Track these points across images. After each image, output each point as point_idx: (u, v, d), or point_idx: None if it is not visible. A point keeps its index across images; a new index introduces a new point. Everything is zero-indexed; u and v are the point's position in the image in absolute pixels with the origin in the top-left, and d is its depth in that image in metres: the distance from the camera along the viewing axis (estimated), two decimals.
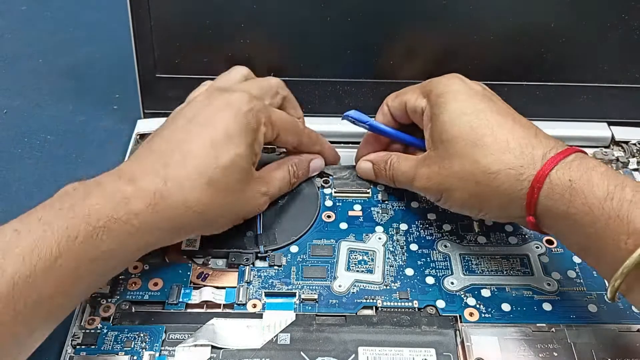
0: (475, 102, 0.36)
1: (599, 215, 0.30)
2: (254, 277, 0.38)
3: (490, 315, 0.36)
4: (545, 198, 0.32)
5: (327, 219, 0.42)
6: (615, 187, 0.30)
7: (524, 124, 0.35)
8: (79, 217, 0.31)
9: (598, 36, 0.45)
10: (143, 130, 0.48)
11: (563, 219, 0.31)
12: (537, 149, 0.33)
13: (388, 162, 0.42)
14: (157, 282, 0.38)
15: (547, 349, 0.35)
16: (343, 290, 0.38)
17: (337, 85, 0.48)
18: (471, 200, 0.36)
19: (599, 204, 0.30)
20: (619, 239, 0.29)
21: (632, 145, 0.48)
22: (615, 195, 0.29)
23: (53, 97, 0.55)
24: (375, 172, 0.43)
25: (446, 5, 0.44)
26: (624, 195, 0.29)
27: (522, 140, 0.33)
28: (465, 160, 0.35)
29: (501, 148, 0.33)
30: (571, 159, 0.32)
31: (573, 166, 0.31)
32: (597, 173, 0.31)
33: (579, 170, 0.31)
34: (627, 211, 0.29)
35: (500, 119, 0.35)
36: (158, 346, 0.35)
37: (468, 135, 0.35)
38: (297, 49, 0.46)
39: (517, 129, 0.34)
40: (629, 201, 0.29)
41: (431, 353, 0.34)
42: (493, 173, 0.33)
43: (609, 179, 0.30)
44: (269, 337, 0.35)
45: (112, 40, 0.59)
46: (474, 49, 0.46)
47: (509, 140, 0.33)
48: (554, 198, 0.31)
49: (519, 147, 0.33)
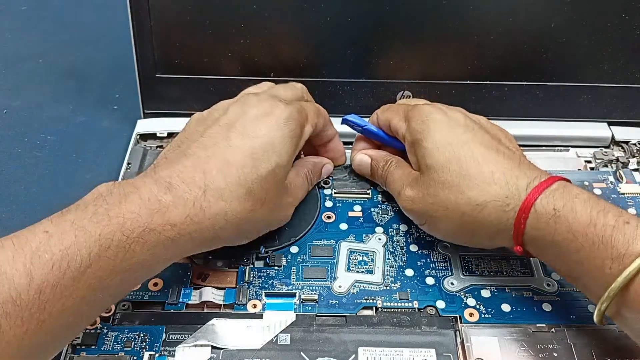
0: (458, 133, 0.36)
1: (583, 242, 0.30)
2: (254, 277, 0.38)
3: (490, 315, 0.36)
4: (531, 228, 0.32)
5: (327, 220, 0.42)
6: (597, 213, 0.30)
7: (507, 154, 0.35)
8: (114, 225, 0.29)
9: (598, 36, 0.45)
10: (143, 130, 0.48)
11: (550, 247, 0.32)
12: (520, 179, 0.33)
13: (387, 163, 0.42)
14: (157, 282, 0.38)
15: (547, 349, 0.35)
16: (343, 291, 0.38)
17: (337, 85, 0.48)
18: (458, 231, 0.36)
19: (583, 230, 0.30)
20: (604, 264, 0.29)
21: (632, 145, 0.48)
22: (598, 222, 0.30)
23: (53, 97, 0.55)
24: (372, 169, 0.43)
25: (446, 5, 0.44)
26: (607, 221, 0.30)
27: (507, 171, 0.34)
28: (450, 191, 0.35)
29: (486, 179, 0.34)
30: (554, 187, 0.32)
31: (557, 195, 0.32)
32: (580, 201, 0.31)
33: (563, 198, 0.31)
34: (610, 236, 0.29)
35: (484, 150, 0.35)
36: (158, 346, 0.35)
37: (454, 165, 0.35)
38: (297, 49, 0.46)
39: (500, 159, 0.34)
40: (612, 226, 0.30)
41: (431, 353, 0.34)
42: (479, 205, 0.34)
43: (592, 206, 0.31)
44: (269, 338, 0.35)
45: (112, 40, 0.59)
46: (474, 49, 0.46)
47: (494, 172, 0.34)
48: (540, 227, 0.32)
49: (503, 177, 0.33)
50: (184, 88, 0.48)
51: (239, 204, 0.33)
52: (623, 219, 0.30)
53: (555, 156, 0.48)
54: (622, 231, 0.29)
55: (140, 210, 0.30)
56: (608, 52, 0.46)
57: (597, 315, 0.31)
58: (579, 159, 0.48)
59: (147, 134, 0.48)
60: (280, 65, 0.47)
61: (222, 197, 0.33)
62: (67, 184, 0.47)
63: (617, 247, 0.29)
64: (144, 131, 0.48)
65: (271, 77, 0.47)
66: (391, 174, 0.41)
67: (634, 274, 0.28)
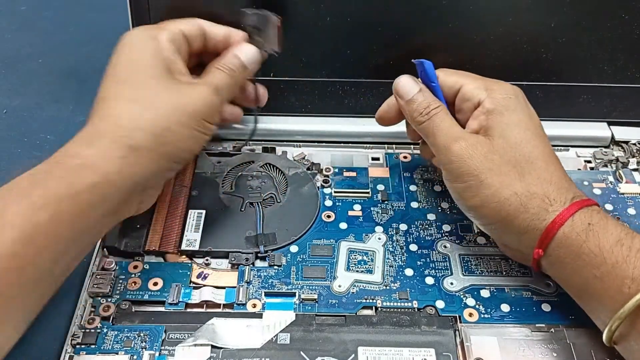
0: (536, 125, 0.37)
1: (607, 258, 0.31)
2: (253, 277, 0.38)
3: (489, 315, 0.36)
4: (562, 234, 0.33)
5: (327, 219, 0.42)
6: (626, 235, 0.32)
7: (561, 166, 0.36)
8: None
9: (598, 36, 0.45)
10: None
11: (572, 257, 0.33)
12: (569, 191, 0.34)
13: (437, 106, 0.38)
14: (157, 282, 0.38)
15: (547, 349, 0.35)
16: (343, 290, 0.38)
17: (337, 85, 0.48)
18: (495, 207, 0.35)
19: (610, 247, 0.31)
20: (623, 283, 0.30)
21: (632, 145, 0.48)
22: (625, 242, 0.31)
23: (53, 97, 0.55)
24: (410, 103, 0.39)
25: (446, 5, 0.44)
26: (634, 244, 0.31)
27: (562, 178, 0.35)
28: (513, 167, 0.35)
29: (546, 177, 0.35)
30: (593, 207, 0.34)
31: (594, 213, 0.33)
32: (612, 221, 0.33)
33: (598, 216, 0.33)
34: (635, 258, 0.31)
35: (551, 152, 0.36)
36: (158, 346, 0.35)
37: (527, 148, 0.35)
38: (297, 49, 0.46)
39: (558, 167, 0.36)
40: (637, 249, 0.31)
41: (431, 353, 0.34)
42: (531, 193, 0.34)
43: (622, 227, 0.33)
44: (268, 337, 0.35)
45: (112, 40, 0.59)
46: (474, 49, 0.46)
47: (553, 172, 0.35)
48: (571, 236, 0.33)
49: (558, 181, 0.35)
50: None
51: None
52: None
53: None
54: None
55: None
56: (608, 52, 0.46)
57: (606, 334, 0.31)
58: (579, 159, 0.48)
59: None
60: (280, 65, 0.47)
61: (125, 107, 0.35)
62: None
63: (638, 269, 0.30)
64: None
65: (271, 77, 0.47)
66: (442, 120, 0.38)
67: None
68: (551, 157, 0.36)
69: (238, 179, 0.45)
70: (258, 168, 0.45)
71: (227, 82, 0.38)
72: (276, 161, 0.46)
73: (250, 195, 0.43)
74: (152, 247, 0.40)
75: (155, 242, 0.40)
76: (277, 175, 0.45)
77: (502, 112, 0.37)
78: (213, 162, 0.46)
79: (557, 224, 0.33)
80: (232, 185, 0.44)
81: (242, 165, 0.46)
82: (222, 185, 0.44)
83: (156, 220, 0.41)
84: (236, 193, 0.43)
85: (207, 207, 0.42)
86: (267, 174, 0.45)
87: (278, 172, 0.45)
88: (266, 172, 0.45)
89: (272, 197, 0.43)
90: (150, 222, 0.41)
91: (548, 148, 0.36)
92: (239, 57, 0.39)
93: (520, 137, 0.36)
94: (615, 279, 0.31)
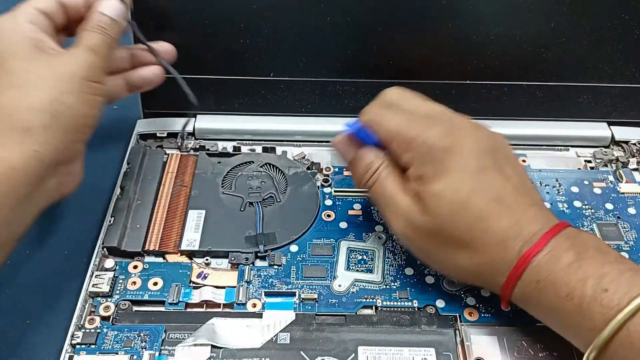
0: (466, 180, 0.33)
1: (562, 315, 0.31)
2: (253, 276, 0.38)
3: (490, 315, 0.36)
4: (517, 295, 0.33)
5: (327, 218, 0.42)
6: (576, 283, 0.30)
7: (508, 204, 0.33)
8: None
9: (598, 36, 0.45)
10: (143, 130, 0.48)
11: (536, 313, 0.33)
12: (517, 240, 0.32)
13: (374, 169, 0.36)
14: (156, 282, 0.38)
15: (547, 348, 0.35)
16: (343, 290, 0.38)
17: (337, 85, 0.48)
18: (455, 276, 0.36)
19: (561, 303, 0.30)
20: (582, 334, 0.30)
21: (632, 145, 0.48)
22: (575, 294, 0.30)
23: None
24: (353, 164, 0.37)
25: (446, 5, 0.44)
26: (585, 292, 0.30)
27: (508, 229, 0.32)
28: (451, 246, 0.33)
29: (488, 242, 0.32)
30: (543, 254, 0.31)
31: (542, 263, 0.31)
32: (561, 270, 0.31)
33: (547, 267, 0.31)
34: (588, 308, 0.29)
35: (491, 205, 0.33)
36: (158, 346, 0.35)
37: (459, 218, 0.33)
38: (297, 49, 0.46)
39: (503, 214, 0.32)
40: (589, 297, 0.29)
41: (431, 353, 0.34)
42: (478, 264, 0.33)
43: (571, 274, 0.30)
44: (268, 337, 0.35)
45: None
46: (474, 49, 0.46)
47: (495, 232, 0.32)
48: (524, 296, 0.32)
49: (502, 242, 0.32)
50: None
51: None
52: (602, 286, 0.29)
53: (555, 156, 0.48)
54: (599, 301, 0.29)
55: None
56: (608, 52, 0.46)
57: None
58: (579, 159, 0.48)
59: (147, 134, 0.48)
60: (280, 65, 0.47)
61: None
62: None
63: (593, 319, 0.29)
64: (144, 131, 0.48)
65: (271, 77, 0.47)
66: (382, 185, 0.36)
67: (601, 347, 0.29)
68: (491, 213, 0.32)
69: (238, 179, 0.45)
70: (258, 168, 0.45)
71: (100, 39, 0.37)
72: (276, 161, 0.46)
73: (250, 195, 0.43)
74: (152, 247, 0.40)
75: (155, 242, 0.40)
76: (277, 175, 0.45)
77: (427, 181, 0.33)
78: (213, 162, 0.46)
79: (508, 286, 0.32)
80: (232, 185, 0.44)
81: (242, 165, 0.46)
82: (222, 185, 0.44)
83: (156, 220, 0.41)
84: (236, 193, 0.43)
85: (207, 207, 0.42)
86: (267, 174, 0.45)
87: (278, 172, 0.45)
88: (266, 172, 0.45)
89: (272, 197, 0.43)
90: (150, 222, 0.41)
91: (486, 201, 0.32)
92: (103, 13, 0.38)
93: (452, 208, 0.32)
94: (575, 330, 0.31)
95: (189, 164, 0.46)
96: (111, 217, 0.41)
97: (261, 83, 0.47)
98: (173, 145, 0.48)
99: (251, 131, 0.48)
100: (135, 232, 0.40)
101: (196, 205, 0.42)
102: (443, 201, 0.33)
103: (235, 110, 0.49)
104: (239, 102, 0.48)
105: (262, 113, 0.49)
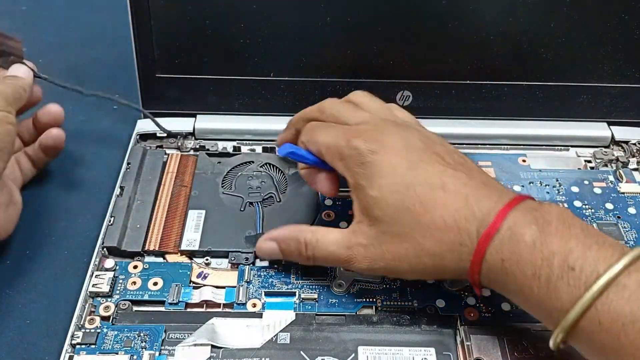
0: (401, 173, 0.33)
1: (529, 295, 0.30)
2: (253, 276, 0.38)
3: (490, 314, 0.36)
4: (484, 278, 0.31)
5: (327, 218, 0.42)
6: (542, 262, 0.29)
7: (452, 189, 0.32)
8: None
9: (598, 36, 0.45)
10: (143, 130, 0.48)
11: (506, 294, 0.32)
12: (471, 222, 0.31)
13: (302, 241, 0.36)
14: (156, 282, 0.38)
15: (547, 348, 0.34)
16: (343, 290, 0.38)
17: (337, 85, 0.48)
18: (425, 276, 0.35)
19: (529, 283, 0.29)
20: (551, 315, 0.29)
21: (632, 145, 0.48)
22: (542, 273, 0.29)
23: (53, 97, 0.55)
24: (285, 253, 0.37)
25: (446, 5, 0.44)
26: (551, 270, 0.29)
27: (457, 213, 0.31)
28: (409, 244, 0.32)
29: (439, 227, 0.31)
30: (504, 231, 0.30)
31: (505, 241, 0.30)
32: (526, 247, 0.29)
33: (510, 245, 0.30)
34: (555, 288, 0.29)
35: (430, 192, 0.32)
36: (158, 346, 0.35)
37: (405, 216, 0.32)
38: (297, 48, 0.46)
39: (449, 199, 0.32)
40: (556, 275, 0.29)
41: (431, 352, 0.34)
42: (438, 255, 0.32)
43: (536, 252, 0.29)
44: (268, 337, 0.35)
45: (112, 40, 0.59)
46: (473, 49, 0.46)
47: (444, 216, 0.31)
48: (491, 278, 0.31)
49: (454, 223, 0.31)
50: (184, 88, 0.48)
51: None
52: (568, 263, 0.28)
53: (555, 156, 0.48)
54: (566, 280, 0.28)
55: None
56: (608, 52, 0.46)
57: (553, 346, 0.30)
58: (579, 159, 0.48)
59: (147, 134, 0.48)
60: (280, 65, 0.47)
61: None
62: (66, 183, 0.47)
63: (561, 299, 0.28)
64: (144, 131, 0.48)
65: (271, 77, 0.47)
66: (321, 248, 0.35)
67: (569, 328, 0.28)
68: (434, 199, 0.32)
69: (238, 179, 0.45)
70: (258, 168, 0.45)
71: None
72: (276, 161, 0.46)
73: (250, 195, 0.43)
74: (152, 247, 0.40)
75: (155, 242, 0.40)
76: (277, 175, 0.45)
77: (363, 188, 0.33)
78: (213, 162, 0.46)
79: (474, 271, 0.31)
80: (232, 185, 0.44)
81: (242, 165, 0.46)
82: (222, 185, 0.44)
83: (156, 220, 0.41)
84: (236, 193, 0.43)
85: (207, 207, 0.42)
86: (267, 174, 0.45)
87: (278, 172, 0.45)
88: (266, 171, 0.45)
89: (272, 197, 0.43)
90: (150, 222, 0.41)
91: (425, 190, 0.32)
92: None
93: (393, 207, 0.32)
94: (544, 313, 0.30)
95: (189, 164, 0.46)
96: (111, 217, 0.41)
97: (261, 83, 0.47)
98: (173, 145, 0.48)
99: (251, 131, 0.48)
100: (135, 232, 0.40)
101: (196, 205, 0.42)
102: (383, 203, 0.32)
103: (235, 110, 0.49)
104: (239, 102, 0.48)
105: (262, 113, 0.49)
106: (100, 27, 0.62)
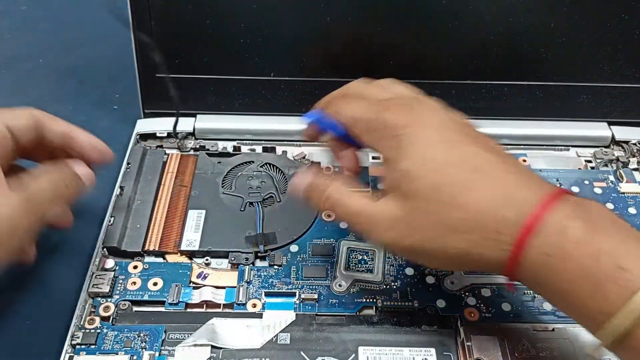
0: (442, 149, 0.30)
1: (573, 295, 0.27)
2: (254, 276, 0.38)
3: (490, 315, 0.36)
4: (524, 271, 0.29)
5: (327, 218, 0.42)
6: (590, 261, 0.27)
7: (489, 173, 0.30)
8: None
9: (598, 36, 0.45)
10: (143, 130, 0.48)
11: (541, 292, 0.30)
12: (509, 210, 0.28)
13: (325, 193, 0.33)
14: (156, 282, 0.38)
15: (547, 348, 0.34)
16: (343, 290, 0.38)
17: (336, 85, 0.48)
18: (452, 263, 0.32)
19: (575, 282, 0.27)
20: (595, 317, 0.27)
21: (632, 145, 0.48)
22: (590, 272, 0.27)
23: (53, 97, 0.55)
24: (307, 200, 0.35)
25: (446, 5, 0.44)
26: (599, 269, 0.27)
27: (493, 198, 0.29)
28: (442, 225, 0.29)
29: (475, 210, 0.29)
30: (549, 225, 0.28)
31: (551, 235, 0.28)
32: (572, 243, 0.27)
33: (556, 240, 0.28)
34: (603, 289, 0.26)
35: (464, 173, 0.30)
36: (158, 346, 0.35)
37: (436, 193, 0.30)
38: (297, 48, 0.46)
39: (486, 182, 0.29)
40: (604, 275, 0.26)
41: (431, 353, 0.34)
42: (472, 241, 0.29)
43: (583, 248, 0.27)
44: (268, 337, 0.35)
45: (112, 40, 0.59)
46: (473, 49, 0.46)
47: (480, 200, 0.29)
48: (531, 273, 0.29)
49: (492, 208, 0.29)
50: (184, 88, 0.48)
51: None
52: (618, 263, 0.26)
53: (555, 156, 0.48)
54: (615, 281, 0.26)
55: None
56: (608, 52, 0.46)
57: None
58: (579, 159, 0.48)
59: (147, 134, 0.48)
60: (280, 65, 0.47)
61: None
62: None
63: (608, 301, 0.26)
64: (144, 131, 0.48)
65: (271, 77, 0.47)
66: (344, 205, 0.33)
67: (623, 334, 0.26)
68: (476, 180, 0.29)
69: (238, 179, 0.45)
70: (258, 168, 0.45)
71: (46, 194, 0.35)
72: (276, 161, 0.46)
73: (250, 195, 0.43)
74: (152, 247, 0.40)
75: (155, 242, 0.40)
76: (277, 175, 0.45)
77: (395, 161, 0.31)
78: (213, 162, 0.46)
79: (515, 261, 0.28)
80: (232, 185, 0.44)
81: (242, 165, 0.46)
82: (222, 185, 0.44)
83: (156, 220, 0.41)
84: (236, 193, 0.43)
85: (207, 207, 0.42)
86: (267, 174, 0.45)
87: (278, 172, 0.45)
88: (266, 171, 0.45)
89: (272, 197, 0.43)
90: (150, 222, 0.41)
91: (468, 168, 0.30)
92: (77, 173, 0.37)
93: (429, 182, 0.30)
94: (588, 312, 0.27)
95: (189, 164, 0.46)
96: (111, 217, 0.41)
97: (261, 83, 0.47)
98: (173, 145, 0.48)
99: (251, 131, 0.48)
100: (135, 232, 0.40)
101: (196, 205, 0.42)
102: (415, 177, 0.30)
103: (235, 110, 0.49)
104: (239, 102, 0.48)
105: (262, 113, 0.49)
106: (100, 27, 0.62)
